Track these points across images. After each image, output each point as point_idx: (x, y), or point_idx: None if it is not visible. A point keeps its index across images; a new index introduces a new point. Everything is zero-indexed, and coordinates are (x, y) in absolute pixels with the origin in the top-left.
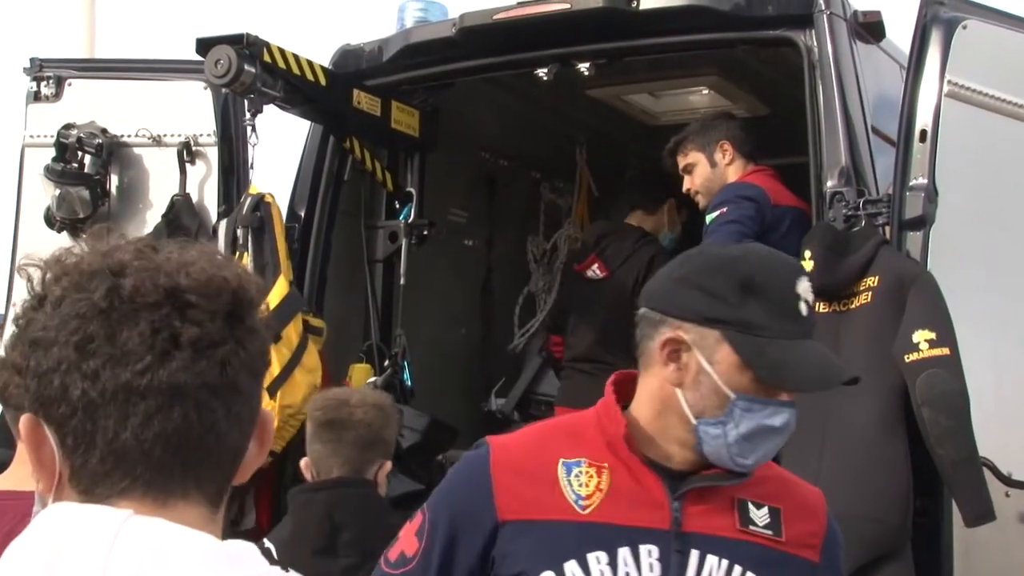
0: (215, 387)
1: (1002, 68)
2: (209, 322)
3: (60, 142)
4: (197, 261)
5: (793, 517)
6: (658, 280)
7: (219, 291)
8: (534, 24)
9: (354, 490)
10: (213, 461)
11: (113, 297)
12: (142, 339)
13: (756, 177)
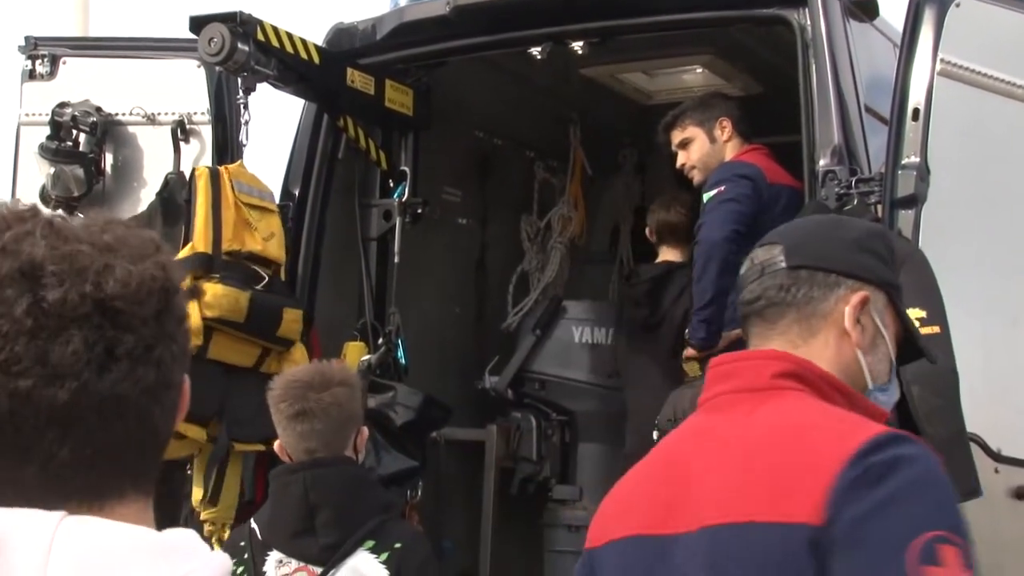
0: (152, 389)
1: (995, 47)
2: (142, 326)
3: (55, 120)
4: (118, 256)
5: None
6: (823, 241)
7: (148, 293)
8: (528, 2)
9: (331, 469)
10: (149, 458)
11: (37, 313)
12: (76, 357)
13: (752, 156)
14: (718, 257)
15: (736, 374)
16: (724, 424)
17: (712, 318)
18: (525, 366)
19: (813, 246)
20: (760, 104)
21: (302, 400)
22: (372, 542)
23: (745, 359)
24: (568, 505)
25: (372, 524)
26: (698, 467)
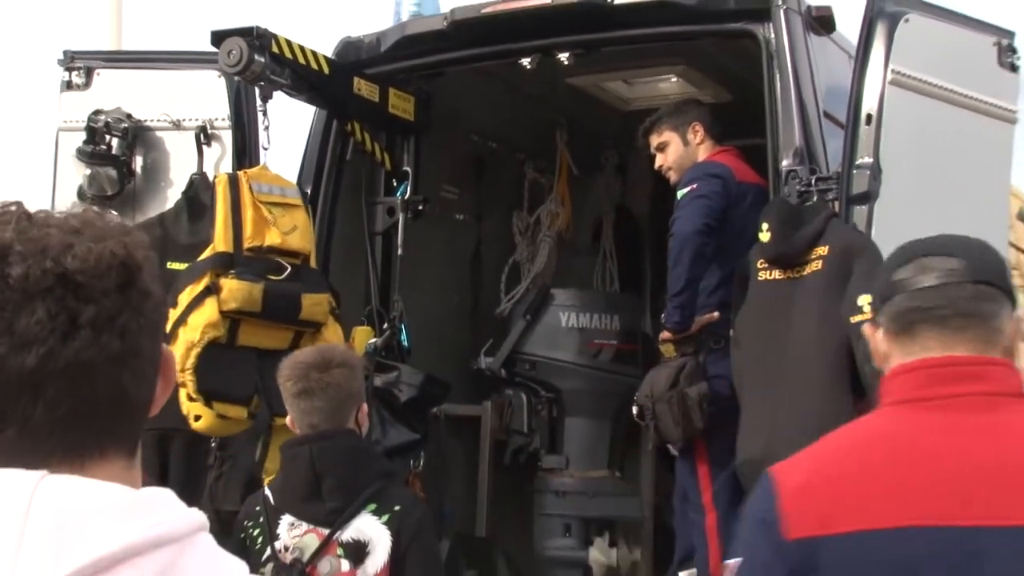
0: (119, 356)
1: (940, 58)
2: (104, 298)
3: (90, 126)
4: (82, 236)
5: None
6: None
7: (108, 268)
8: (518, 17)
9: (334, 441)
10: (126, 419)
11: (3, 287)
12: (41, 326)
13: (722, 156)
14: (691, 248)
15: (986, 377)
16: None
17: (686, 303)
18: (517, 348)
19: (992, 265)
20: (729, 110)
21: (304, 380)
22: (374, 505)
23: (991, 364)
24: (556, 473)
25: (373, 489)
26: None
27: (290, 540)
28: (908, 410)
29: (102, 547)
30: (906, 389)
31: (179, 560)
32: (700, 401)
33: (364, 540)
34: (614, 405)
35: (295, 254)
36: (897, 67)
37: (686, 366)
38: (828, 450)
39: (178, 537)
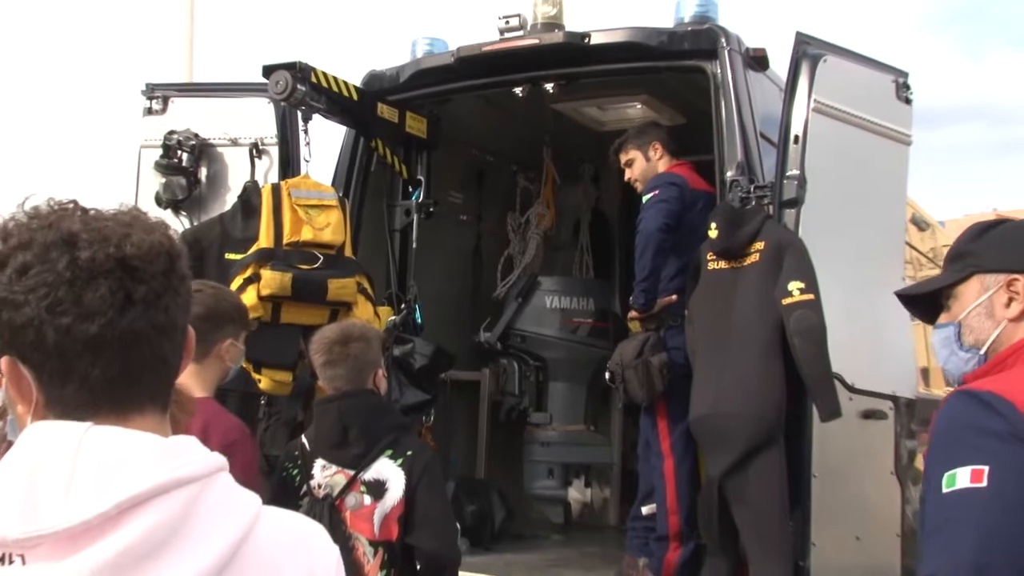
0: (163, 328)
1: (851, 91)
2: (153, 280)
3: (165, 144)
4: (134, 228)
5: None
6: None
7: (157, 255)
8: (512, 54)
9: (357, 399)
10: (163, 381)
11: (74, 268)
12: (103, 300)
13: (679, 169)
14: (654, 243)
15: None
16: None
17: (650, 288)
18: (510, 325)
19: None
20: (684, 131)
21: (328, 352)
22: (391, 451)
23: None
24: (541, 427)
25: (390, 438)
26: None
27: (322, 479)
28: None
29: (138, 485)
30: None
31: (202, 495)
32: (661, 368)
33: (382, 479)
34: (589, 371)
35: (329, 246)
36: (818, 98)
37: (650, 339)
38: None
39: (200, 477)
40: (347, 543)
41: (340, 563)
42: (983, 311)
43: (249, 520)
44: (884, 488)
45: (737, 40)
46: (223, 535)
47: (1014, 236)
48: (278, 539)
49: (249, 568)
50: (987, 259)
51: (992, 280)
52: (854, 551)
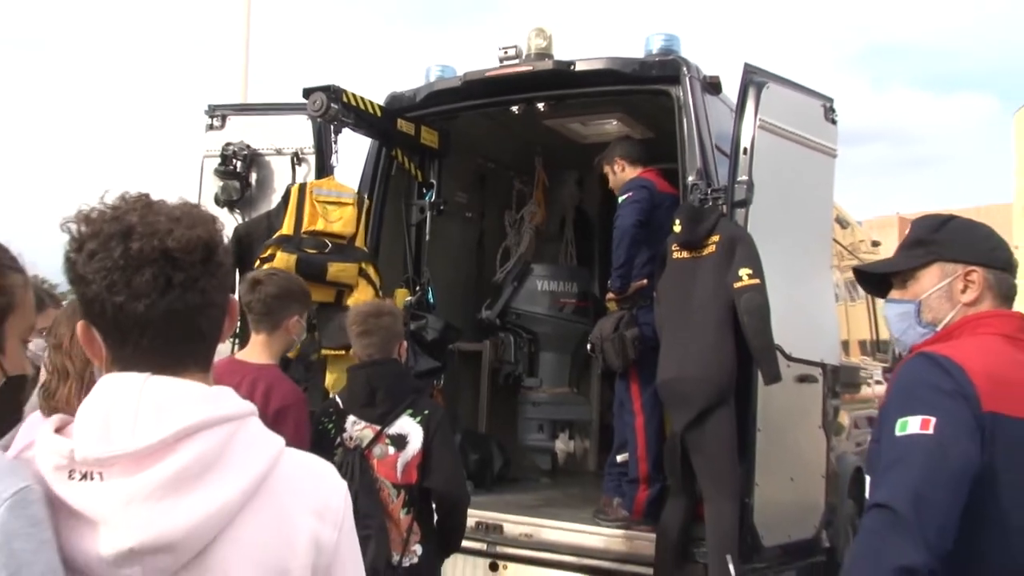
0: (199, 307)
1: (789, 112)
2: (191, 268)
3: (223, 154)
4: (180, 223)
5: None
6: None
7: (195, 247)
8: (510, 79)
9: (384, 367)
10: (202, 347)
11: (127, 256)
12: (148, 284)
13: (648, 175)
14: (628, 236)
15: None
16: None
17: (625, 274)
18: (507, 304)
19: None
20: (653, 143)
21: (364, 323)
22: (411, 410)
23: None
24: (533, 389)
25: (410, 399)
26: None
27: (353, 432)
28: (1014, 344)
29: (189, 419)
30: (1009, 328)
31: (237, 433)
32: (633, 341)
33: (404, 434)
34: (573, 343)
35: (340, 236)
36: (763, 117)
37: (624, 317)
38: (988, 350)
39: (236, 417)
40: (374, 485)
41: (347, 500)
42: (943, 294)
43: (275, 455)
44: (813, 439)
45: (696, 69)
46: (254, 464)
47: (969, 233)
48: (299, 473)
49: (274, 493)
50: (948, 250)
51: (952, 268)
52: (789, 490)
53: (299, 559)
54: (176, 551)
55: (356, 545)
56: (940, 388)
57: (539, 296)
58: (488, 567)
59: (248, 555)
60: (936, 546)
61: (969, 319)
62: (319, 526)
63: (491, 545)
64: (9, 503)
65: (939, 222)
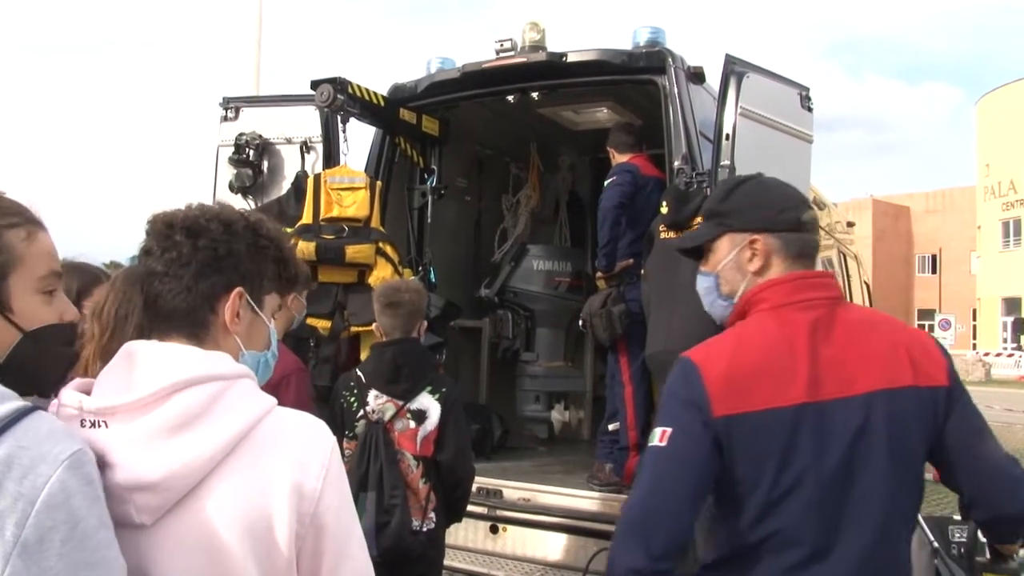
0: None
1: (768, 100)
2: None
3: (237, 143)
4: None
5: None
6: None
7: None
8: (506, 69)
9: (408, 344)
10: (181, 321)
11: (191, 253)
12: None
13: (634, 159)
14: (610, 217)
15: (829, 287)
16: (840, 320)
17: (610, 253)
18: (505, 283)
19: None
20: (642, 130)
21: (393, 296)
22: (430, 387)
23: (829, 276)
24: (530, 363)
25: (431, 376)
26: (839, 350)
27: (375, 406)
28: (796, 310)
29: (179, 375)
30: (779, 297)
31: (228, 390)
32: (620, 316)
33: (423, 409)
34: (567, 319)
35: (355, 220)
36: (743, 105)
37: (612, 294)
38: (735, 344)
39: (227, 376)
40: (395, 456)
41: (334, 452)
42: (734, 265)
43: (261, 412)
44: None
45: (681, 60)
46: (240, 418)
47: (754, 198)
48: (287, 427)
49: (259, 445)
50: (734, 220)
51: (740, 238)
52: None
53: (281, 506)
54: (159, 491)
55: (345, 495)
56: (678, 398)
57: (535, 275)
58: (488, 529)
59: (232, 500)
60: (660, 550)
61: (749, 296)
62: (302, 475)
63: (491, 509)
64: (67, 463)
65: (725, 191)
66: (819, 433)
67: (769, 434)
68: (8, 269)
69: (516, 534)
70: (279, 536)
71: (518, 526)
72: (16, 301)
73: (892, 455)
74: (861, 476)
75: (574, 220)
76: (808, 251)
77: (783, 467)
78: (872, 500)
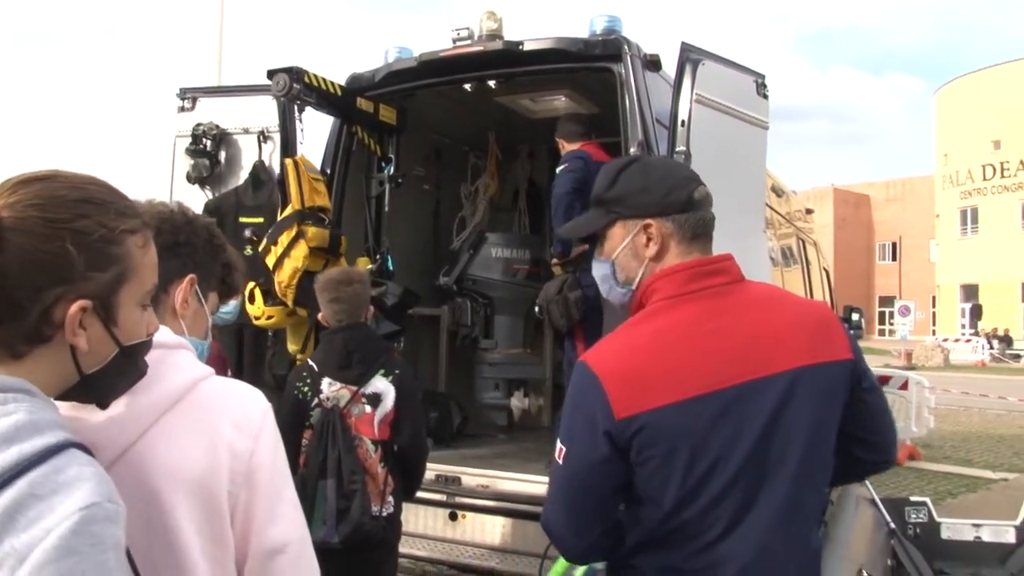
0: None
1: (723, 88)
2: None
3: (194, 133)
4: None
5: None
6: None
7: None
8: (463, 58)
9: (357, 330)
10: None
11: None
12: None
13: (585, 147)
14: (564, 204)
15: (726, 271)
16: (740, 303)
17: (565, 240)
18: (464, 271)
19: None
20: (598, 118)
21: (335, 291)
22: (383, 370)
23: (727, 260)
24: (489, 350)
25: (382, 360)
26: (744, 333)
27: (329, 393)
28: (701, 298)
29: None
30: (675, 287)
31: (166, 358)
32: (576, 302)
33: (378, 392)
34: (526, 306)
35: (327, 210)
36: (699, 92)
37: (568, 280)
38: (632, 341)
39: (168, 345)
40: (353, 442)
41: (268, 415)
42: (629, 252)
43: (198, 377)
44: None
45: (637, 47)
46: (176, 382)
47: (639, 183)
48: (223, 392)
49: (195, 407)
50: (623, 207)
51: (632, 225)
52: None
53: (215, 464)
54: (96, 450)
55: (278, 458)
56: (579, 409)
57: (493, 263)
58: (448, 516)
59: (168, 458)
60: (576, 555)
61: (645, 288)
62: (235, 436)
63: (450, 496)
64: (76, 519)
65: (610, 178)
66: (734, 419)
67: (678, 429)
68: (123, 280)
69: (475, 521)
70: (213, 494)
71: (477, 513)
72: (122, 314)
73: (808, 433)
74: (776, 457)
75: (533, 208)
76: (704, 229)
77: (695, 460)
78: (784, 479)
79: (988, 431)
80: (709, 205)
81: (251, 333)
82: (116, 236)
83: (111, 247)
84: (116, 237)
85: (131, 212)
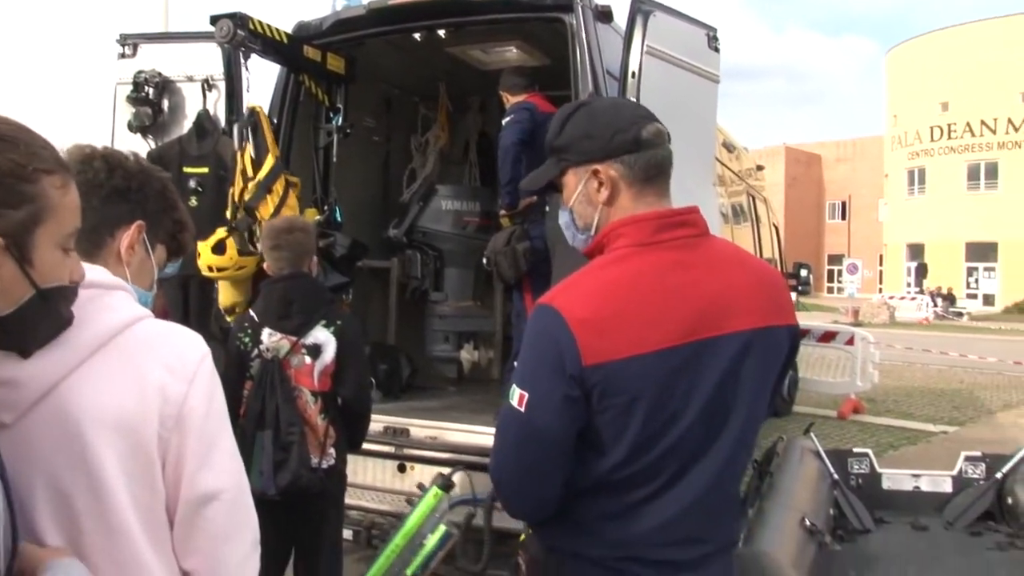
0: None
1: (674, 40)
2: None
3: (135, 81)
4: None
5: None
6: None
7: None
8: (412, 7)
9: (298, 280)
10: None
11: (106, 179)
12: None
13: (531, 98)
14: (509, 155)
15: (694, 223)
16: (707, 259)
17: (512, 191)
18: (414, 223)
19: None
20: (549, 69)
21: (277, 239)
22: (324, 320)
23: (695, 212)
24: (439, 303)
25: (323, 310)
26: (708, 289)
27: (269, 344)
28: (665, 250)
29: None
30: (643, 235)
31: (99, 298)
32: (524, 253)
33: (319, 343)
34: (476, 259)
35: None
36: (650, 43)
37: (516, 231)
38: (601, 286)
39: (104, 285)
40: (292, 393)
41: (205, 360)
42: (584, 198)
43: (132, 318)
44: None
45: None
46: (107, 323)
47: (585, 128)
48: (158, 334)
49: (126, 349)
50: (571, 154)
51: (583, 171)
52: None
53: (146, 407)
54: (18, 387)
55: (214, 404)
56: (544, 353)
57: (443, 215)
58: (396, 468)
59: (96, 400)
60: (528, 510)
61: (608, 231)
62: (168, 378)
63: (399, 448)
64: None
65: (559, 126)
66: (691, 373)
67: (641, 380)
68: (39, 219)
69: (423, 472)
70: (142, 437)
71: (425, 464)
72: (38, 255)
73: (752, 394)
74: (723, 413)
75: (483, 160)
76: (659, 170)
77: (653, 411)
78: (728, 434)
79: (930, 386)
80: (662, 142)
81: (197, 284)
82: (28, 174)
83: (22, 184)
84: (28, 175)
85: (46, 153)
